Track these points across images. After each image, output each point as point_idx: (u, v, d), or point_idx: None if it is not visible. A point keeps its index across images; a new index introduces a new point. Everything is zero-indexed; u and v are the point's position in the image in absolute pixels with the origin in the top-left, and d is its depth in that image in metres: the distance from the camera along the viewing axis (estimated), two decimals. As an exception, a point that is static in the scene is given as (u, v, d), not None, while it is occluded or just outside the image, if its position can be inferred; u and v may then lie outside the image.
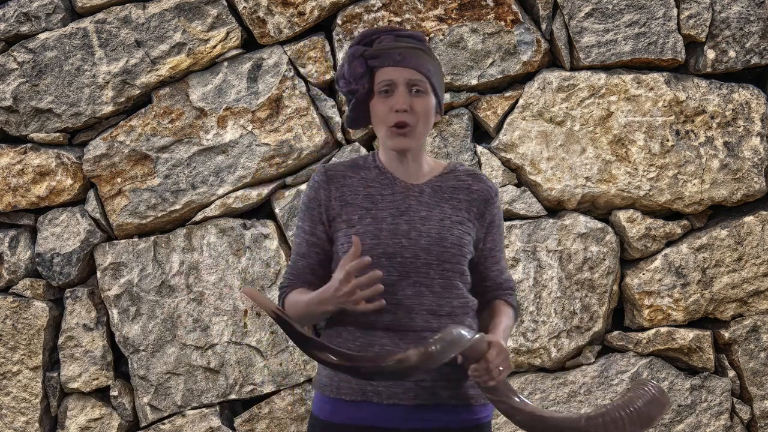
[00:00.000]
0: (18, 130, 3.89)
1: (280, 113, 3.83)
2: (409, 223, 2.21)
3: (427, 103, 2.22)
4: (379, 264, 2.16)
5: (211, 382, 3.85)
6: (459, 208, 2.26)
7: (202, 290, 3.83)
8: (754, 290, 3.86)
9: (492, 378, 2.10)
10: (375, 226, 2.20)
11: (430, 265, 2.19)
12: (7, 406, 3.90)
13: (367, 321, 2.18)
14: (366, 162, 2.31)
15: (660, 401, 2.13)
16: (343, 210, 2.23)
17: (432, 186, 2.27)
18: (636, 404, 2.11)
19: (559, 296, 3.81)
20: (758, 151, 3.85)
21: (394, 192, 2.25)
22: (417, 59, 2.21)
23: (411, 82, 2.20)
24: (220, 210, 3.84)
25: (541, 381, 3.84)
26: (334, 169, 2.29)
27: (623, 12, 3.82)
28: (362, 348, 2.18)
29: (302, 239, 2.27)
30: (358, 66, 2.22)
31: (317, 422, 2.26)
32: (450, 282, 2.22)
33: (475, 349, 2.10)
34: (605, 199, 3.84)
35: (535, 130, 3.82)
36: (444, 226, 2.22)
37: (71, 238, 3.87)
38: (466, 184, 2.29)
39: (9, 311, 3.88)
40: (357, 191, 2.25)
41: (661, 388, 2.14)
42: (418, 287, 2.19)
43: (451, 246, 2.21)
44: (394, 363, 1.98)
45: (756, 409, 3.87)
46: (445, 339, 2.02)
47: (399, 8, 3.81)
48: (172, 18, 3.83)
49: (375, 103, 2.23)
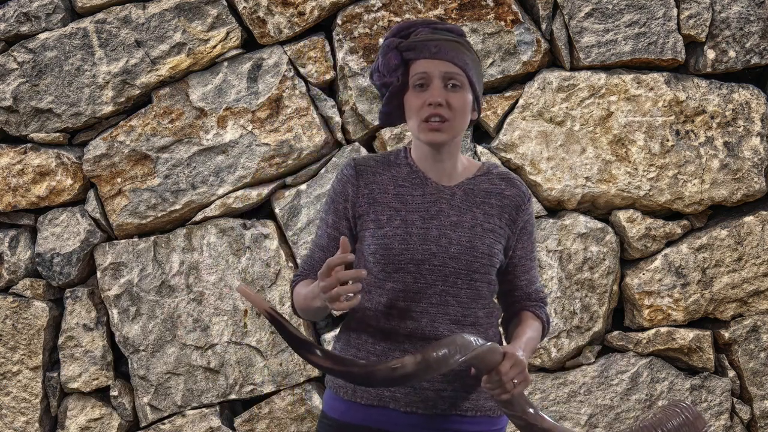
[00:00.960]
0: (18, 130, 3.89)
1: (280, 113, 3.83)
2: (439, 229, 2.13)
3: (463, 98, 2.12)
4: (406, 270, 2.11)
5: (211, 382, 3.85)
6: (491, 214, 2.18)
7: (202, 290, 3.83)
8: (754, 290, 3.86)
9: (505, 391, 2.00)
10: (404, 229, 2.12)
11: (459, 274, 2.13)
12: (7, 406, 3.90)
13: (390, 327, 2.12)
14: (398, 158, 2.21)
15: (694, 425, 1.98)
16: (371, 208, 2.16)
17: (464, 189, 2.19)
18: (666, 427, 1.97)
19: (559, 296, 3.81)
20: (758, 151, 3.85)
21: (424, 193, 2.17)
22: (454, 51, 2.11)
23: (447, 75, 2.10)
24: (220, 210, 3.84)
25: (541, 381, 3.84)
26: (365, 163, 2.20)
27: (623, 12, 3.82)
28: (383, 353, 2.12)
29: (324, 231, 2.20)
30: (393, 58, 2.13)
31: (331, 421, 2.18)
32: (477, 292, 2.15)
33: (487, 360, 1.99)
34: (605, 199, 3.84)
35: (535, 130, 3.82)
36: (475, 234, 2.14)
37: (71, 238, 3.87)
38: (499, 189, 2.20)
39: (9, 311, 3.88)
40: (387, 189, 2.17)
41: (696, 411, 2.00)
42: (444, 296, 2.12)
43: (481, 256, 2.14)
44: (387, 370, 1.89)
45: (756, 409, 3.87)
46: (447, 346, 1.91)
47: (399, 8, 3.81)
48: (172, 18, 3.83)
49: (409, 96, 2.13)
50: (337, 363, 1.92)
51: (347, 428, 2.15)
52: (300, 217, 3.81)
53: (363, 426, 2.13)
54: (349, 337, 2.19)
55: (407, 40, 2.14)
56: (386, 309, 2.13)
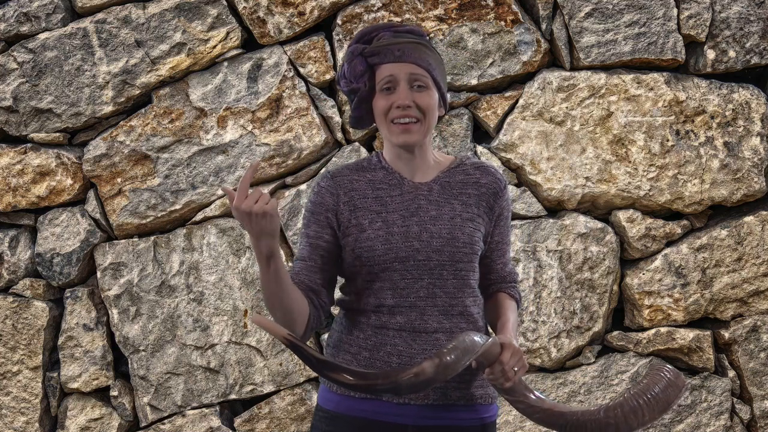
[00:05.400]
0: (18, 130, 3.89)
1: (280, 113, 3.83)
2: (420, 225, 2.19)
3: (429, 97, 2.19)
4: (392, 269, 2.16)
5: (211, 382, 3.85)
6: (469, 204, 2.24)
7: (202, 290, 3.83)
8: (754, 290, 3.86)
9: (508, 379, 2.09)
10: (386, 230, 2.18)
11: (444, 266, 2.18)
12: (7, 406, 3.90)
13: (380, 323, 2.18)
14: (371, 163, 2.27)
15: (677, 384, 2.12)
16: (352, 215, 2.20)
17: (440, 183, 2.25)
18: (653, 390, 2.10)
19: (559, 296, 3.81)
20: (758, 151, 3.85)
21: (402, 193, 2.23)
22: (417, 53, 2.19)
23: (412, 77, 2.17)
24: (220, 210, 3.85)
25: (541, 381, 3.84)
26: (341, 173, 2.26)
27: (623, 12, 3.82)
28: (374, 347, 2.17)
29: (305, 244, 2.24)
30: (358, 64, 2.20)
31: (325, 413, 2.22)
32: (463, 281, 2.21)
33: (489, 354, 2.09)
34: (605, 199, 3.84)
35: (535, 130, 3.82)
36: (455, 224, 2.20)
37: (71, 238, 3.87)
38: (474, 178, 2.27)
39: (9, 311, 3.88)
40: (366, 194, 2.22)
41: (676, 371, 2.13)
42: (432, 288, 2.18)
43: (463, 245, 2.20)
44: (411, 377, 1.97)
45: (756, 409, 3.87)
46: (458, 348, 2.01)
47: (399, 8, 3.81)
48: (172, 18, 3.83)
49: (377, 100, 2.20)
50: (362, 378, 2.01)
51: (342, 419, 2.19)
52: (300, 217, 3.81)
53: (357, 417, 2.18)
54: (341, 334, 2.24)
55: (371, 46, 2.21)
56: (375, 308, 2.18)
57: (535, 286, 3.81)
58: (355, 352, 2.19)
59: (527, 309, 3.81)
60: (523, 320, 3.81)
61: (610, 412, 2.10)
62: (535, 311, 3.82)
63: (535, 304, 3.81)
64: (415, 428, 2.17)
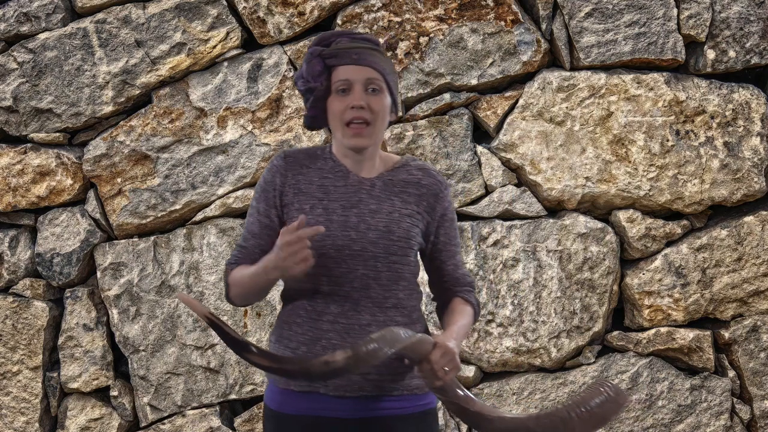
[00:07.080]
0: (18, 130, 3.89)
1: (280, 113, 3.83)
2: (359, 216, 2.27)
3: (382, 101, 2.27)
4: (328, 255, 2.23)
5: (211, 382, 3.85)
6: (408, 201, 2.32)
7: (202, 290, 3.84)
8: (754, 290, 3.86)
9: (437, 378, 2.15)
10: (326, 217, 2.25)
11: (378, 258, 2.25)
12: (7, 406, 3.90)
13: (316, 314, 2.25)
14: (324, 153, 2.35)
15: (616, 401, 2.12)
16: (296, 198, 2.29)
17: (383, 180, 2.33)
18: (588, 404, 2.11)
19: (559, 296, 3.81)
20: (758, 151, 3.85)
21: (346, 184, 2.30)
22: (372, 58, 2.27)
23: (368, 80, 2.25)
24: (220, 210, 3.85)
25: (541, 381, 3.84)
26: (294, 156, 2.34)
27: (623, 12, 3.82)
28: (310, 342, 2.24)
29: (255, 219, 2.32)
30: (316, 64, 2.28)
31: (270, 413, 2.32)
32: (397, 274, 2.27)
33: (417, 350, 2.12)
34: (605, 199, 3.84)
35: (535, 130, 3.82)
36: (392, 219, 2.28)
37: (71, 238, 3.87)
38: (416, 178, 2.34)
39: (9, 311, 3.88)
40: (312, 181, 2.30)
41: (618, 388, 2.14)
42: (366, 279, 2.25)
43: (398, 239, 2.27)
44: (320, 365, 2.03)
45: (756, 409, 3.87)
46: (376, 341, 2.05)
47: (399, 8, 3.81)
48: (172, 18, 3.83)
49: (332, 101, 2.28)
50: (274, 361, 2.09)
51: (284, 419, 2.28)
52: (300, 217, 3.81)
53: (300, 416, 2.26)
54: (282, 329, 2.31)
55: (329, 48, 2.29)
56: (311, 294, 2.26)
57: (535, 286, 3.81)
58: (294, 347, 2.26)
59: (527, 309, 3.81)
60: (524, 320, 3.81)
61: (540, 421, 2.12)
62: (535, 311, 3.82)
63: (535, 304, 3.81)
64: (355, 421, 2.24)
